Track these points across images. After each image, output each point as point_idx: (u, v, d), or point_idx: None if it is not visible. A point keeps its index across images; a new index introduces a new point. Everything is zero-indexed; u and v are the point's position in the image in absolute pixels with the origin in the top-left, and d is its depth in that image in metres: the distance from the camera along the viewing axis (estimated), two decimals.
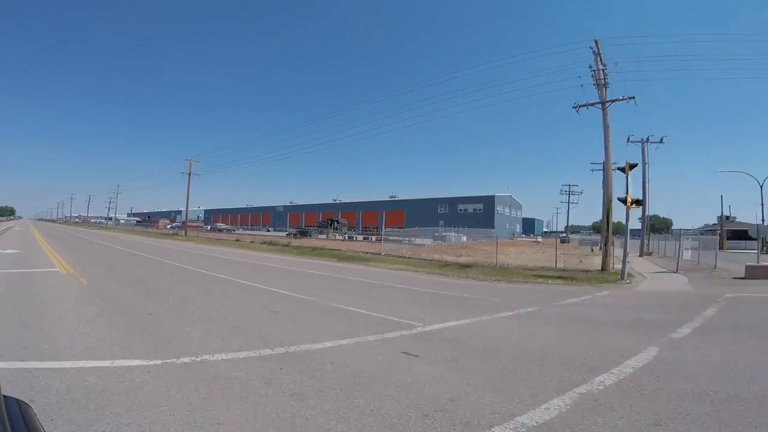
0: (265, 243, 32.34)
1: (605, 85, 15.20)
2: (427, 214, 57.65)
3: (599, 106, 15.31)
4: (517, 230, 64.38)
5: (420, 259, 20.18)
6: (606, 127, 15.33)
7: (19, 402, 0.91)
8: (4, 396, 0.84)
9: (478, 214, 54.30)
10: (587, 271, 14.76)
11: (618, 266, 14.13)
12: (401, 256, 21.44)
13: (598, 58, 15.11)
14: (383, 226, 41.09)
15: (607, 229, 15.44)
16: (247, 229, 69.52)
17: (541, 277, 13.39)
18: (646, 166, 26.79)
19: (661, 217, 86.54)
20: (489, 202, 55.05)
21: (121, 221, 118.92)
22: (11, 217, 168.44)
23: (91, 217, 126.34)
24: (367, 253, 22.36)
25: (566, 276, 13.63)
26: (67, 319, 5.59)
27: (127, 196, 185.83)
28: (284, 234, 47.84)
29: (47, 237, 30.04)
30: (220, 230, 60.94)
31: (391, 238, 34.07)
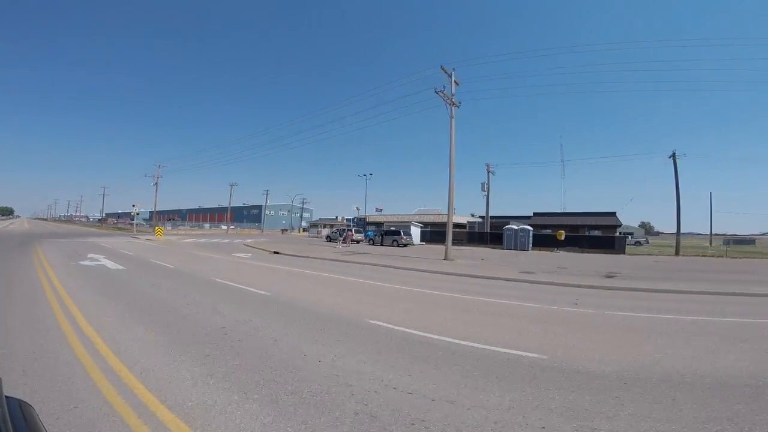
0: (116, 227, 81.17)
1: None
2: (242, 215, 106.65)
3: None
4: (303, 225, 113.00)
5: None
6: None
7: (21, 402, 0.91)
8: (6, 396, 0.85)
9: (256, 215, 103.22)
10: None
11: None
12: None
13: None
14: (227, 222, 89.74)
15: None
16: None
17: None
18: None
19: None
20: (260, 209, 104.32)
21: (91, 219, 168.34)
22: (10, 216, 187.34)
23: (75, 216, 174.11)
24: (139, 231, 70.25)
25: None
26: (23, 226, 54.44)
27: (115, 196, 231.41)
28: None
29: (30, 225, 78.87)
30: (131, 224, 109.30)
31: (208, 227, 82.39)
